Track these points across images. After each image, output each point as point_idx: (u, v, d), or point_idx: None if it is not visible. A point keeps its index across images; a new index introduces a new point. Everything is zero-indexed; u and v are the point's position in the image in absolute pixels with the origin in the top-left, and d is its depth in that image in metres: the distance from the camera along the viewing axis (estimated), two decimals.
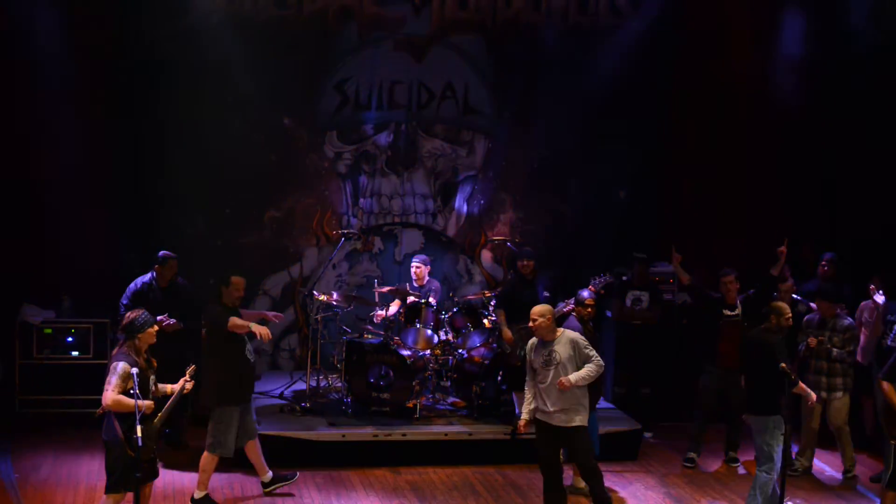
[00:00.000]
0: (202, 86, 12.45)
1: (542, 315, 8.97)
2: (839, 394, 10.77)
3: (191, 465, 10.52)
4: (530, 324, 9.03)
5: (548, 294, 11.26)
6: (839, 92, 13.31)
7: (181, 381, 8.44)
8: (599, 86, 13.37)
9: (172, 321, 10.39)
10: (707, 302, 11.23)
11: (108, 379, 8.06)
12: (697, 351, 11.55)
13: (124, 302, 10.75)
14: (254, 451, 10.02)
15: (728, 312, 11.02)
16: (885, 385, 9.07)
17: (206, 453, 9.73)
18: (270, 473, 10.09)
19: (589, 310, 9.90)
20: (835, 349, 10.67)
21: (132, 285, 10.86)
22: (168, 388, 8.49)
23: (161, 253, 10.96)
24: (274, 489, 10.04)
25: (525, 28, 13.50)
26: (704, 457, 11.42)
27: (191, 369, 8.49)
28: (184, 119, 12.45)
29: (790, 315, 9.58)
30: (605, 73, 13.38)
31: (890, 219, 12.90)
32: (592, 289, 10.29)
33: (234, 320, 9.51)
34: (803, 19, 13.56)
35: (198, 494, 9.69)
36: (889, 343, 10.73)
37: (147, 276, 10.92)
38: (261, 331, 9.44)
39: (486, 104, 13.67)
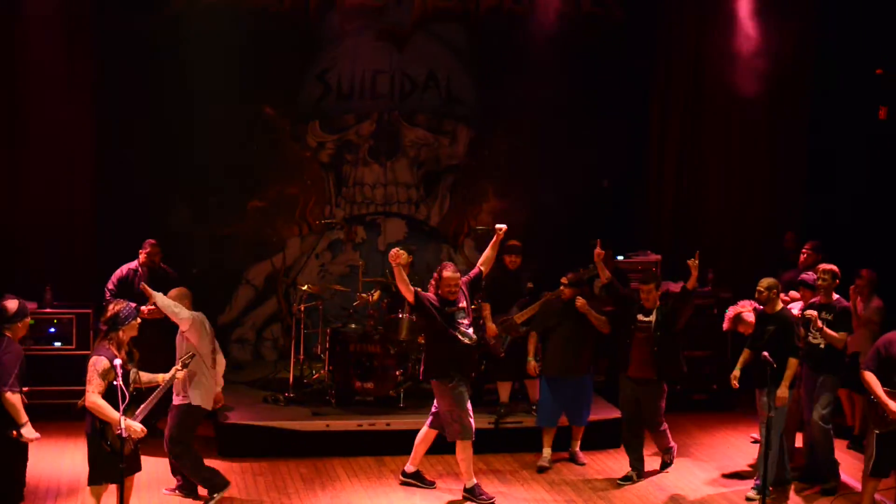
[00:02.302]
0: (184, 75, 12.40)
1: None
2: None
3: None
4: None
5: (531, 285, 11.27)
6: (830, 85, 13.34)
7: (172, 370, 8.36)
8: (583, 74, 13.38)
9: (152, 307, 10.25)
10: (623, 302, 10.64)
11: (88, 378, 7.99)
12: (612, 356, 11.23)
13: (110, 287, 10.92)
14: (461, 452, 9.88)
15: (642, 317, 10.38)
16: (869, 376, 9.05)
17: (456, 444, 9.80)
18: (474, 482, 9.96)
19: (561, 288, 10.56)
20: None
21: (118, 271, 11.01)
22: (160, 377, 8.44)
23: (146, 240, 11.08)
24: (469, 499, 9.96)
25: (508, 16, 13.46)
26: (685, 448, 11.44)
27: (186, 356, 8.36)
28: (167, 109, 12.41)
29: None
30: (590, 62, 13.39)
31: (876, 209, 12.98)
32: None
33: None
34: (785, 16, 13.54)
35: (468, 484, 9.85)
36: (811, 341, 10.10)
37: (133, 263, 11.06)
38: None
39: (468, 93, 13.65)
